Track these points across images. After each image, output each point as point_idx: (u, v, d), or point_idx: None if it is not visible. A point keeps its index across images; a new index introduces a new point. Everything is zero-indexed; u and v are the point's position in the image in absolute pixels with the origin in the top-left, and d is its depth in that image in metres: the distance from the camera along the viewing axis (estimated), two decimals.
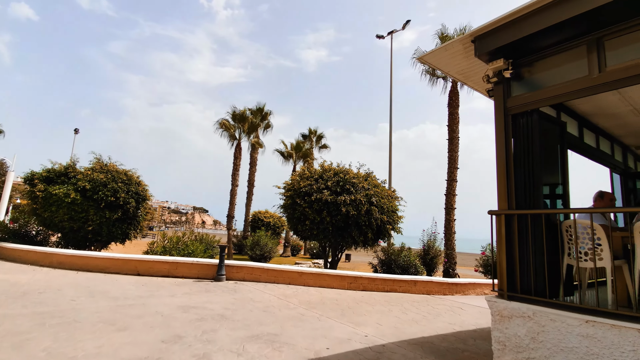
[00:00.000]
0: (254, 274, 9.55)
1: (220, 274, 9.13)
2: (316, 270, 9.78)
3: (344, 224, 11.09)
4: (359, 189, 11.09)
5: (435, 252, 12.59)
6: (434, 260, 12.50)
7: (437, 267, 12.68)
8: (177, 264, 9.40)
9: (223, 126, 21.39)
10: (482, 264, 14.80)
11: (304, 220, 11.25)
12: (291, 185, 11.96)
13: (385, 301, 8.39)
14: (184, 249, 10.46)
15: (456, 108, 15.58)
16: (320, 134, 33.11)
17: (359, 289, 9.89)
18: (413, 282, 10.41)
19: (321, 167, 12.21)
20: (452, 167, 15.18)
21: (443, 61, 4.70)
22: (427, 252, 12.55)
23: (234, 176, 21.52)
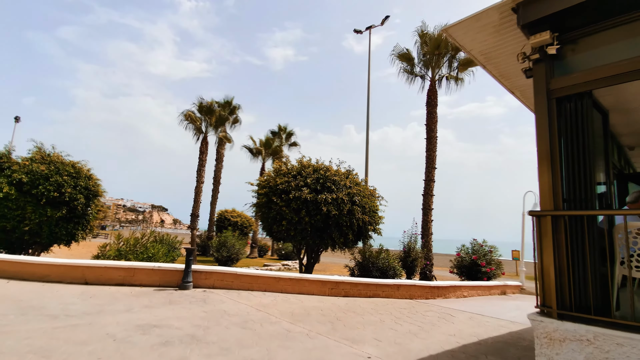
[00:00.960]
0: (225, 280, 8.48)
1: (187, 281, 7.98)
2: (295, 276, 8.90)
3: (324, 225, 10.31)
4: (341, 187, 10.35)
5: (416, 254, 12.16)
6: (415, 263, 12.07)
7: (417, 270, 12.26)
8: (135, 270, 8.10)
9: (188, 118, 19.79)
10: (456, 265, 14.68)
11: (280, 221, 10.32)
12: (266, 182, 10.99)
13: (372, 309, 7.70)
14: (142, 252, 9.14)
15: (434, 107, 15.37)
16: (290, 131, 32.16)
17: (341, 294, 9.15)
18: (396, 286, 9.85)
19: (299, 162, 11.33)
20: (430, 167, 14.92)
21: (469, 36, 4.04)
22: (408, 254, 12.10)
23: (200, 172, 20.01)
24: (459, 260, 14.51)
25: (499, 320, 7.76)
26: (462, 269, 14.35)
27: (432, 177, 14.86)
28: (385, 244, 12.78)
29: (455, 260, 14.73)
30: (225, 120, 21.03)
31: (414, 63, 16.32)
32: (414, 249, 12.01)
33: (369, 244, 11.84)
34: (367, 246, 12.43)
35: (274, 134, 31.70)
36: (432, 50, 15.09)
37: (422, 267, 12.29)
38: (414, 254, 12.00)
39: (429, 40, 15.06)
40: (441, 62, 15.72)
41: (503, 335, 6.26)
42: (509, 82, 4.82)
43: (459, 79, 15.97)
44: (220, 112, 20.22)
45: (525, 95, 5.19)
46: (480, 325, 7.03)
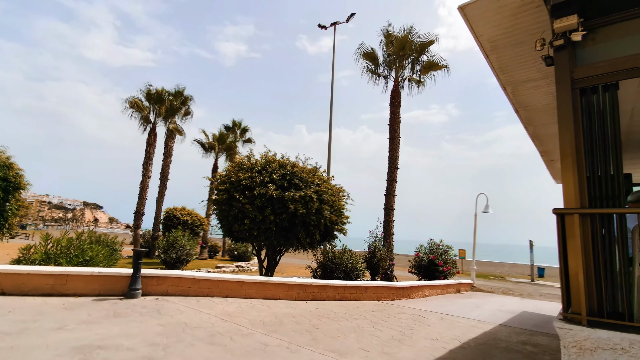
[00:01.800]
0: (181, 286, 7.48)
1: (135, 289, 6.88)
2: (260, 279, 8.16)
3: (289, 224, 9.67)
4: (309, 184, 9.79)
5: (382, 255, 11.99)
6: (380, 264, 11.90)
7: (381, 271, 12.10)
8: (68, 277, 6.80)
9: (135, 106, 17.82)
10: (415, 265, 14.87)
11: (242, 219, 9.48)
12: (227, 177, 10.06)
13: (345, 313, 7.26)
14: (78, 256, 7.76)
15: (398, 107, 15.43)
16: (245, 127, 30.89)
17: (309, 298, 8.61)
18: (364, 288, 9.54)
19: (263, 157, 10.57)
20: (393, 167, 14.94)
21: (485, 17, 3.72)
22: (374, 254, 11.89)
23: (146, 166, 18.16)
24: (418, 260, 14.71)
25: (468, 320, 7.75)
26: (421, 268, 14.56)
27: (394, 177, 14.89)
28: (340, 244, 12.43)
29: (414, 260, 14.92)
30: (177, 111, 19.34)
31: (378, 63, 16.29)
32: (380, 250, 11.84)
33: (334, 244, 11.42)
34: (331, 247, 12.01)
35: (228, 129, 30.18)
36: (397, 50, 15.17)
37: (386, 267, 12.18)
38: (379, 254, 11.82)
39: (395, 40, 15.12)
40: (405, 64, 15.88)
41: (480, 337, 6.16)
42: (506, 77, 4.66)
43: (421, 82, 16.25)
44: (171, 102, 18.53)
45: (515, 92, 5.09)
46: (455, 326, 6.92)
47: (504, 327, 7.22)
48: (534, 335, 6.62)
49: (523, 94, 5.12)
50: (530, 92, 5.04)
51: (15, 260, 7.53)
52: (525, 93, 5.08)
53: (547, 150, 8.15)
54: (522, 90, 5.01)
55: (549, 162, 9.22)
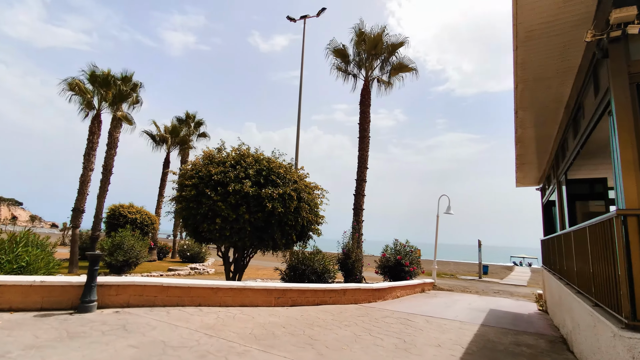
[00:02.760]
0: (145, 294, 6.45)
1: (89, 300, 5.75)
2: (235, 285, 7.38)
3: (265, 224, 8.97)
4: (287, 181, 9.16)
5: (356, 256, 11.69)
6: (355, 265, 11.59)
7: (356, 272, 11.80)
8: (0, 288, 5.49)
9: (75, 88, 15.56)
10: (381, 266, 14.85)
11: (212, 218, 8.57)
12: (194, 171, 9.05)
13: (333, 320, 6.79)
14: (12, 261, 6.34)
15: (368, 107, 15.31)
16: (200, 121, 29.07)
17: (288, 304, 8.00)
18: (342, 291, 9.16)
19: (235, 150, 9.70)
20: (362, 167, 14.78)
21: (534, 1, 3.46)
22: (348, 255, 11.54)
23: (88, 157, 16.02)
24: (384, 261, 14.70)
25: (452, 322, 7.71)
26: (387, 269, 14.56)
27: (363, 177, 14.73)
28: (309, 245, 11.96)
29: (380, 261, 14.89)
30: (127, 97, 17.31)
31: (349, 60, 16.06)
32: (354, 251, 11.54)
33: (308, 244, 10.88)
34: (301, 248, 11.45)
35: (181, 122, 28.11)
36: (370, 49, 15.06)
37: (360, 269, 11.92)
38: (354, 255, 11.52)
39: (367, 39, 14.99)
40: (375, 64, 15.83)
41: (475, 340, 6.05)
42: (523, 73, 4.54)
43: (389, 83, 16.34)
44: (120, 87, 16.54)
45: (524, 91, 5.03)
46: (444, 329, 6.78)
47: (487, 328, 7.26)
48: (519, 335, 6.71)
49: (531, 93, 5.07)
50: (539, 92, 5.01)
51: None
52: (533, 93, 5.04)
53: (523, 154, 8.40)
54: (533, 89, 4.95)
55: (520, 165, 9.57)
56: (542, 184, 11.38)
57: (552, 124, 6.29)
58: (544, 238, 11.31)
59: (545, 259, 10.60)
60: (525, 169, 9.90)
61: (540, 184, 11.92)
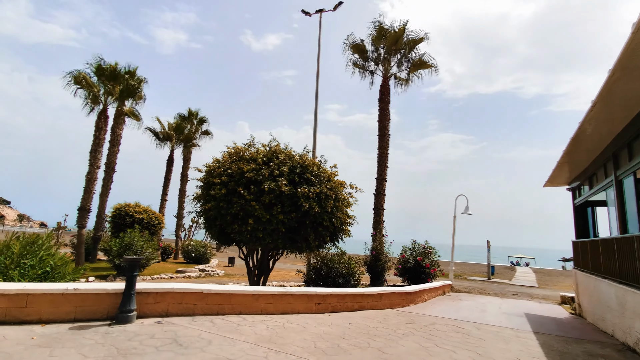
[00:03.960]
0: (185, 302, 5.89)
1: (129, 310, 5.18)
2: (276, 290, 6.86)
3: (298, 224, 8.45)
4: (322, 179, 8.65)
5: (386, 258, 11.22)
6: (385, 267, 11.13)
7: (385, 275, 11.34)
8: (29, 297, 4.89)
9: (82, 82, 14.78)
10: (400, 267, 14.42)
11: (244, 218, 8.02)
12: (223, 169, 8.48)
13: (385, 328, 6.32)
14: (35, 266, 5.72)
15: (387, 104, 14.89)
16: (203, 118, 28.34)
17: (328, 310, 7.51)
18: (379, 295, 8.71)
19: (265, 146, 9.16)
20: (383, 166, 14.35)
21: None
22: (378, 257, 11.06)
23: (95, 154, 15.28)
24: (404, 262, 14.27)
25: (503, 329, 7.28)
26: (406, 270, 14.14)
27: (384, 176, 14.29)
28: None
29: (399, 262, 14.46)
30: (134, 92, 16.56)
31: (367, 56, 15.61)
32: (384, 253, 11.06)
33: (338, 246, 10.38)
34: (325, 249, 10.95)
35: (184, 119, 27.39)
36: (390, 44, 14.62)
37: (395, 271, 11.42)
38: (383, 257, 11.05)
39: (388, 34, 14.54)
40: (394, 60, 15.42)
41: (549, 353, 5.63)
42: (635, 59, 4.11)
43: (407, 81, 15.95)
44: (128, 81, 15.81)
45: (619, 80, 4.61)
46: (505, 339, 6.36)
47: (543, 336, 6.86)
48: (581, 344, 6.33)
49: (625, 83, 4.67)
50: (633, 83, 4.61)
51: None
52: (628, 82, 4.63)
53: (574, 151, 8.04)
54: (629, 78, 4.54)
55: (562, 164, 9.21)
56: (577, 184, 11.05)
57: (623, 120, 5.92)
58: (577, 240, 10.98)
59: (581, 262, 10.26)
60: (565, 168, 9.55)
61: (571, 184, 11.60)
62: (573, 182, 11.27)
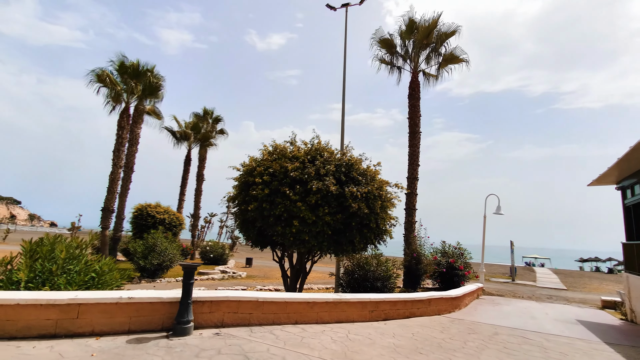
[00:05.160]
0: (240, 311, 5.46)
1: (186, 321, 4.76)
2: (330, 297, 6.40)
3: (343, 226, 7.98)
4: (369, 178, 8.18)
5: (428, 261, 10.71)
6: (426, 270, 10.62)
7: (424, 279, 10.83)
8: (80, 307, 4.49)
9: (105, 80, 14.46)
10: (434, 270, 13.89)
11: (289, 220, 7.57)
12: (263, 167, 8.03)
13: (452, 339, 5.85)
14: (80, 272, 5.32)
15: (417, 100, 14.35)
16: (218, 117, 27.95)
17: (381, 317, 7.05)
18: (428, 301, 8.23)
19: (306, 144, 8.71)
20: (414, 164, 13.82)
21: None
22: (419, 260, 10.55)
23: (118, 154, 14.98)
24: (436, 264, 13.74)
25: (573, 340, 6.78)
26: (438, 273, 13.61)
27: (415, 175, 13.76)
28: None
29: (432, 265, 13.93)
30: (157, 90, 16.27)
31: (395, 51, 15.08)
32: (424, 255, 10.55)
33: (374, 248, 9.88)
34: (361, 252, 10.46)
35: (199, 118, 27.08)
36: (422, 38, 14.07)
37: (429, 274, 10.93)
38: (425, 260, 10.54)
39: (420, 27, 13.99)
40: (423, 54, 14.87)
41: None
42: None
43: (437, 77, 15.39)
44: (150, 78, 15.46)
45: None
46: (584, 351, 5.86)
47: (618, 347, 6.34)
48: None
49: None
50: None
51: None
52: None
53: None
54: None
55: (620, 162, 8.62)
56: (628, 184, 10.44)
57: None
58: (630, 242, 10.37)
59: (637, 265, 9.66)
60: (622, 166, 8.96)
61: (621, 183, 10.98)
62: (623, 180, 10.66)
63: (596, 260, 47.68)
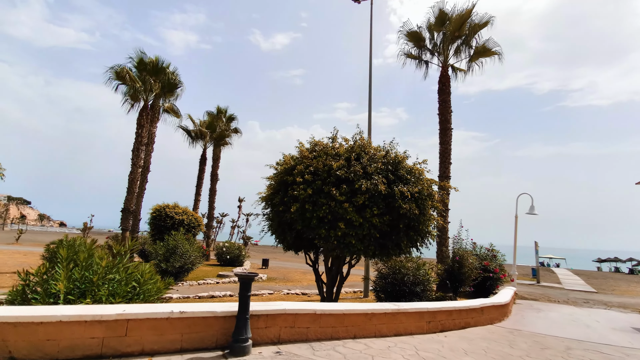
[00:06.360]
0: (297, 325, 4.91)
1: (245, 338, 4.22)
2: (387, 308, 5.83)
3: (389, 228, 7.39)
4: (418, 178, 7.58)
5: (471, 265, 10.06)
6: (470, 275, 9.98)
7: (466, 284, 10.19)
8: (129, 323, 3.97)
9: (126, 77, 14.01)
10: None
11: (333, 222, 7.00)
12: (304, 166, 7.46)
13: (530, 357, 5.23)
14: (121, 281, 4.80)
15: (448, 95, 13.73)
16: (232, 115, 27.48)
17: (438, 328, 6.46)
18: (481, 309, 7.64)
19: (347, 141, 8.13)
20: (446, 162, 13.21)
21: None
22: (462, 264, 9.92)
23: (137, 153, 14.53)
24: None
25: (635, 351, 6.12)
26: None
27: (447, 174, 13.15)
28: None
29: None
30: (175, 87, 15.82)
31: (423, 45, 14.45)
32: (467, 259, 9.91)
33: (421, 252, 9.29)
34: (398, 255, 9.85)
35: (213, 117, 26.63)
36: (453, 30, 13.43)
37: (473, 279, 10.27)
38: (469, 264, 9.90)
39: (451, 19, 13.35)
40: (452, 47, 14.22)
41: None
42: None
43: (467, 71, 14.73)
44: (170, 75, 15.00)
45: None
46: None
47: None
48: None
49: None
50: None
51: (16, 294, 4.43)
52: None
53: None
54: None
55: None
56: None
57: None
58: None
59: None
60: None
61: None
62: None
63: (615, 260, 46.38)
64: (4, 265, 14.67)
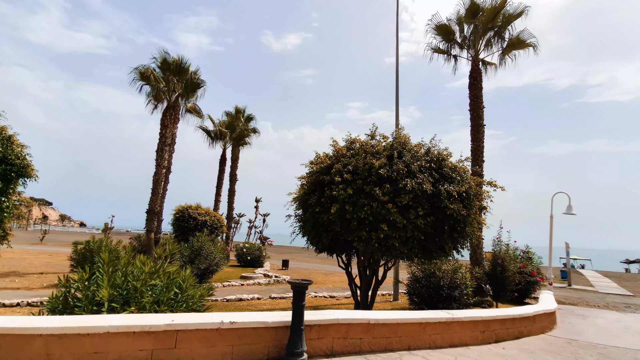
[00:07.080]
0: (350, 336, 4.55)
1: (300, 352, 3.89)
2: (442, 317, 5.42)
3: (434, 229, 6.96)
4: (463, 177, 7.13)
5: (515, 269, 9.50)
6: (513, 279, 9.44)
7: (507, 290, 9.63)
8: (178, 334, 3.69)
9: (151, 77, 13.93)
10: None
11: (375, 223, 6.61)
12: (342, 164, 7.09)
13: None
14: (165, 288, 4.54)
15: (480, 90, 13.14)
16: (250, 115, 27.28)
17: (492, 338, 6.01)
18: (533, 317, 7.13)
19: (384, 138, 7.74)
20: (478, 160, 12.62)
21: None
22: (504, 267, 9.38)
23: (161, 153, 14.46)
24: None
25: None
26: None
27: (481, 172, 12.55)
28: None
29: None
30: (198, 87, 15.73)
31: (453, 38, 13.89)
32: (510, 262, 9.35)
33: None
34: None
35: (232, 117, 26.53)
36: (486, 22, 12.86)
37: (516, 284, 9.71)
38: (513, 267, 9.34)
39: (484, 10, 12.78)
40: (483, 40, 13.61)
41: None
42: None
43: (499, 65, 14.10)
44: (192, 75, 14.89)
45: None
46: None
47: None
48: None
49: None
50: None
51: (57, 301, 4.20)
52: None
53: None
54: None
55: None
56: None
57: None
58: None
59: None
60: None
61: None
62: None
63: None
64: (30, 265, 14.83)
